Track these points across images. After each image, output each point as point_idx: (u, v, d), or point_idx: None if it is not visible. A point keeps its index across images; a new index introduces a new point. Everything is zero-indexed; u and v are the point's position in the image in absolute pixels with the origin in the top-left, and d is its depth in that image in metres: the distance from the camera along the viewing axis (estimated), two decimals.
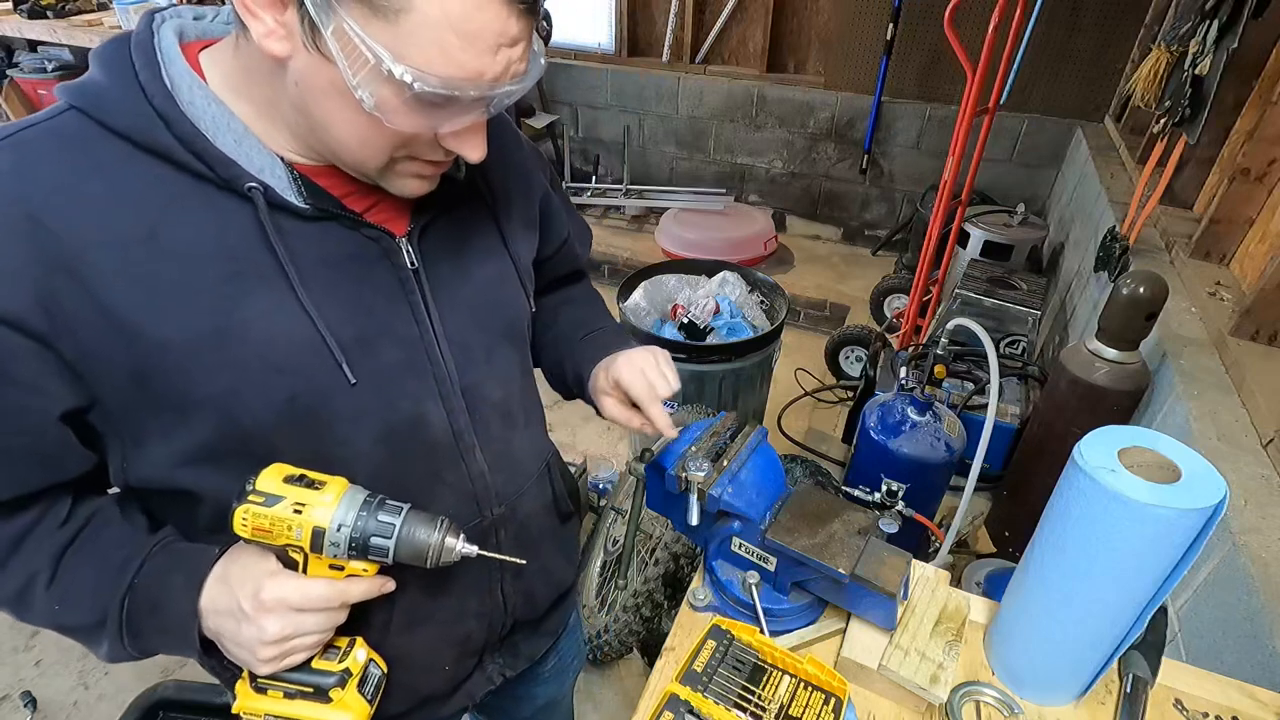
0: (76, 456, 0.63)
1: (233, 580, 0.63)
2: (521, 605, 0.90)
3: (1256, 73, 2.03)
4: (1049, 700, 0.81)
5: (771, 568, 0.84)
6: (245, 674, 0.68)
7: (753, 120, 4.28)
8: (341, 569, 0.63)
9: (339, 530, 0.61)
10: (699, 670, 0.75)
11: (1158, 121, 2.02)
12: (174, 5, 0.66)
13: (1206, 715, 0.81)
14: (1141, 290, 1.64)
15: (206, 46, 0.64)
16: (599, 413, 0.89)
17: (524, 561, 0.74)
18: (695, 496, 0.82)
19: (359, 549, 0.62)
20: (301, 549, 0.61)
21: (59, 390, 0.58)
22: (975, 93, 2.31)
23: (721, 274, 2.57)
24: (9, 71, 5.37)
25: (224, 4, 0.61)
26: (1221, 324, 1.72)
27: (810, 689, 0.75)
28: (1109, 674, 0.81)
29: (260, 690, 0.67)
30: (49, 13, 4.83)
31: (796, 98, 4.12)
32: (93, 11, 5.04)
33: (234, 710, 0.67)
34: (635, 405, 0.84)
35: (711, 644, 0.78)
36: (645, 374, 0.81)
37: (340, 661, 0.67)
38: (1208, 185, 2.29)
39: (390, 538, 0.62)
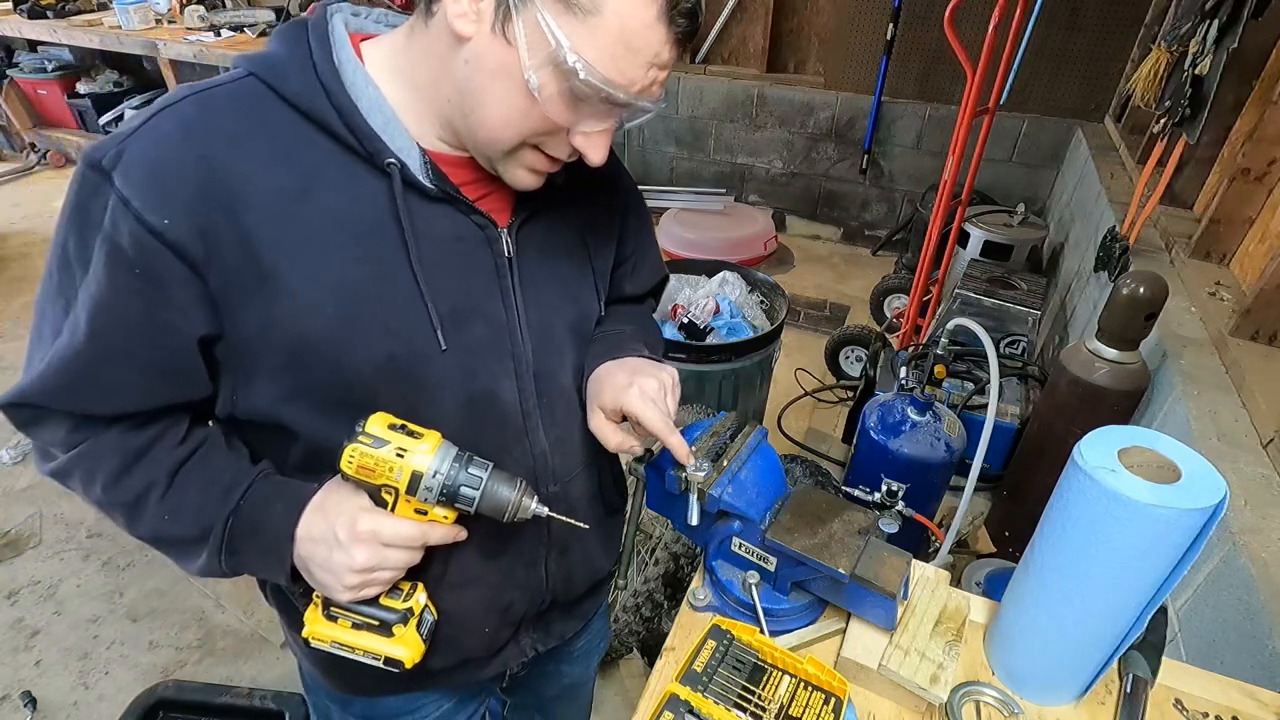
0: (201, 380, 0.70)
1: (329, 511, 0.69)
2: (561, 585, 0.94)
3: (1256, 73, 2.03)
4: (1049, 700, 0.81)
5: (771, 568, 0.84)
6: (317, 602, 0.73)
7: (753, 120, 4.28)
8: (425, 514, 0.69)
9: (434, 477, 0.66)
10: (699, 670, 0.75)
11: (1158, 121, 2.02)
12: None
13: (1206, 715, 0.81)
14: (1141, 290, 1.64)
15: (363, 40, 0.72)
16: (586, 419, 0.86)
17: (586, 525, 0.79)
18: (695, 496, 0.82)
19: (448, 496, 0.68)
20: (396, 490, 0.67)
21: (201, 316, 0.65)
22: (975, 93, 2.31)
23: (721, 274, 2.57)
24: (9, 71, 5.37)
25: (373, 5, 0.70)
26: (1221, 324, 1.72)
27: (810, 689, 0.75)
28: (1109, 674, 0.81)
29: (331, 618, 0.72)
30: (49, 13, 4.83)
31: (796, 98, 4.12)
32: (93, 11, 5.04)
33: (303, 635, 0.73)
34: (624, 421, 0.82)
35: (711, 644, 0.78)
36: (657, 405, 0.79)
37: (404, 601, 0.73)
38: (1208, 185, 2.29)
39: (477, 489, 0.68)
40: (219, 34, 4.50)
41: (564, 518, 0.75)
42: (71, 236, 0.64)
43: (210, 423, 0.77)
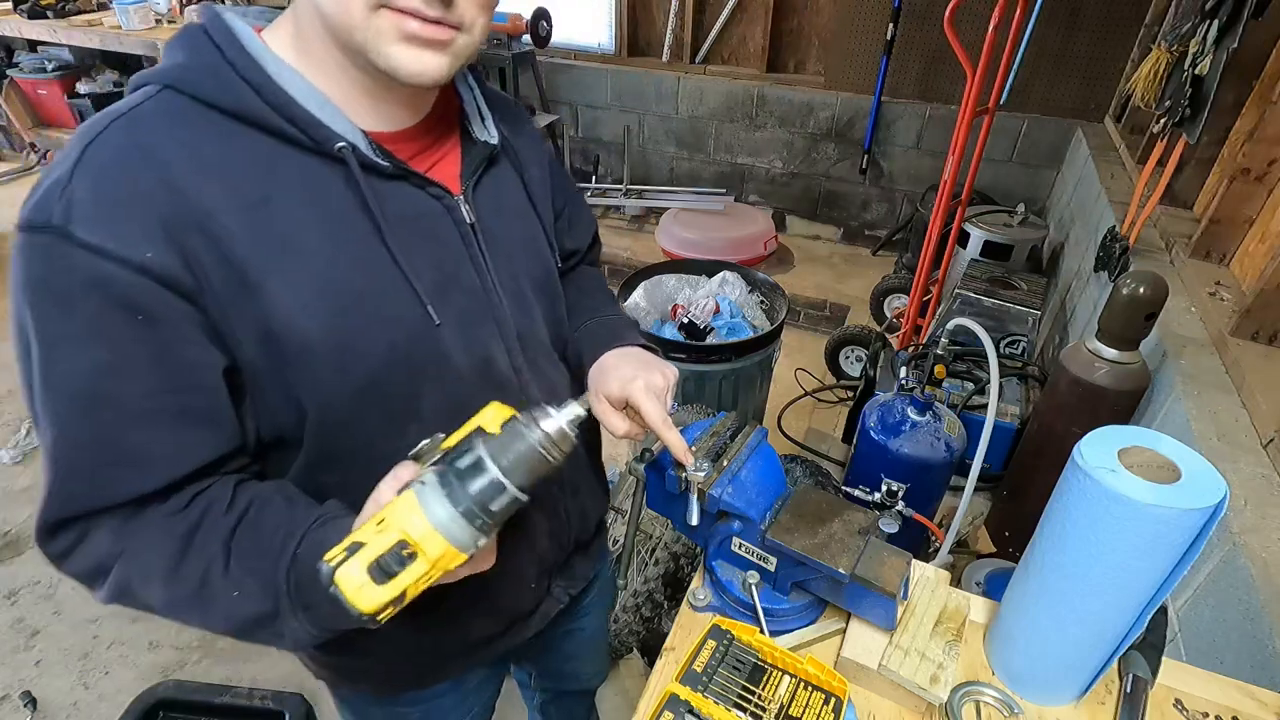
0: (230, 423, 0.66)
1: None
2: (578, 524, 0.98)
3: (1256, 73, 2.03)
4: (1049, 700, 0.81)
5: (771, 568, 0.84)
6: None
7: (753, 120, 4.27)
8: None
9: (477, 543, 0.56)
10: (699, 670, 0.75)
11: (1158, 121, 2.02)
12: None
13: (1206, 715, 0.81)
14: (1141, 290, 1.64)
15: (258, 33, 0.68)
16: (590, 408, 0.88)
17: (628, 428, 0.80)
18: (695, 496, 0.82)
19: (498, 520, 0.57)
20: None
21: (215, 345, 0.62)
22: (975, 92, 2.31)
23: (721, 274, 2.57)
24: (9, 71, 5.37)
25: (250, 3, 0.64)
26: (1221, 324, 1.72)
27: (810, 689, 0.75)
28: (1109, 674, 0.81)
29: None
30: (49, 13, 4.83)
31: (796, 98, 4.12)
32: (93, 11, 5.04)
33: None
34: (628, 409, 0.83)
35: (711, 644, 0.78)
36: (662, 401, 0.81)
37: None
38: (1208, 185, 2.28)
39: (503, 490, 0.56)
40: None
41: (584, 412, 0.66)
42: (32, 316, 0.57)
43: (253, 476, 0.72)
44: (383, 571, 0.53)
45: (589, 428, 0.94)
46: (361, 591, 0.53)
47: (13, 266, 0.57)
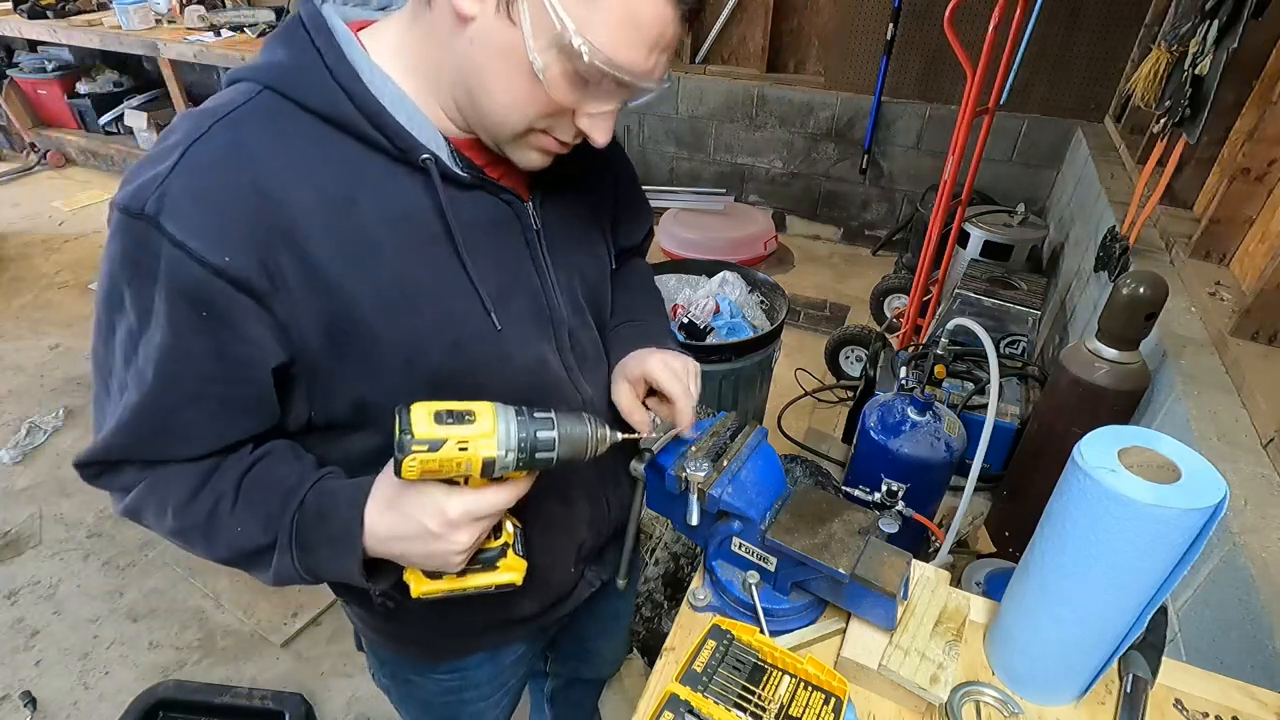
0: (273, 411, 0.71)
1: (410, 508, 0.66)
2: (617, 513, 1.00)
3: (1256, 73, 2.03)
4: (1049, 700, 0.81)
5: (771, 568, 0.84)
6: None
7: (753, 120, 4.28)
8: (503, 478, 0.67)
9: (507, 455, 0.63)
10: (699, 670, 0.75)
11: (1158, 121, 2.02)
12: None
13: (1206, 715, 0.81)
14: (1141, 290, 1.64)
15: (359, 28, 0.71)
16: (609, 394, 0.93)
17: (647, 433, 0.84)
18: (695, 496, 0.82)
19: (526, 465, 0.65)
20: (470, 476, 0.64)
21: (273, 346, 0.66)
22: (975, 92, 2.31)
23: (721, 274, 2.57)
24: (9, 71, 5.37)
25: None
26: (1221, 324, 1.72)
27: (810, 689, 0.75)
28: (1109, 674, 0.81)
29: (434, 576, 0.72)
30: (49, 13, 4.83)
31: (796, 98, 4.12)
32: (93, 11, 5.04)
33: (414, 594, 0.72)
34: (645, 403, 0.89)
35: (711, 644, 0.78)
36: (679, 377, 0.87)
37: (498, 538, 0.74)
38: (1208, 185, 2.28)
39: (553, 449, 0.65)
40: (219, 34, 4.50)
41: (629, 435, 0.75)
42: (124, 289, 0.63)
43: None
44: (439, 421, 0.61)
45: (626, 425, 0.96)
46: (420, 425, 0.60)
47: (109, 241, 0.63)
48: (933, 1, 3.53)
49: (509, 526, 0.75)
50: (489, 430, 0.63)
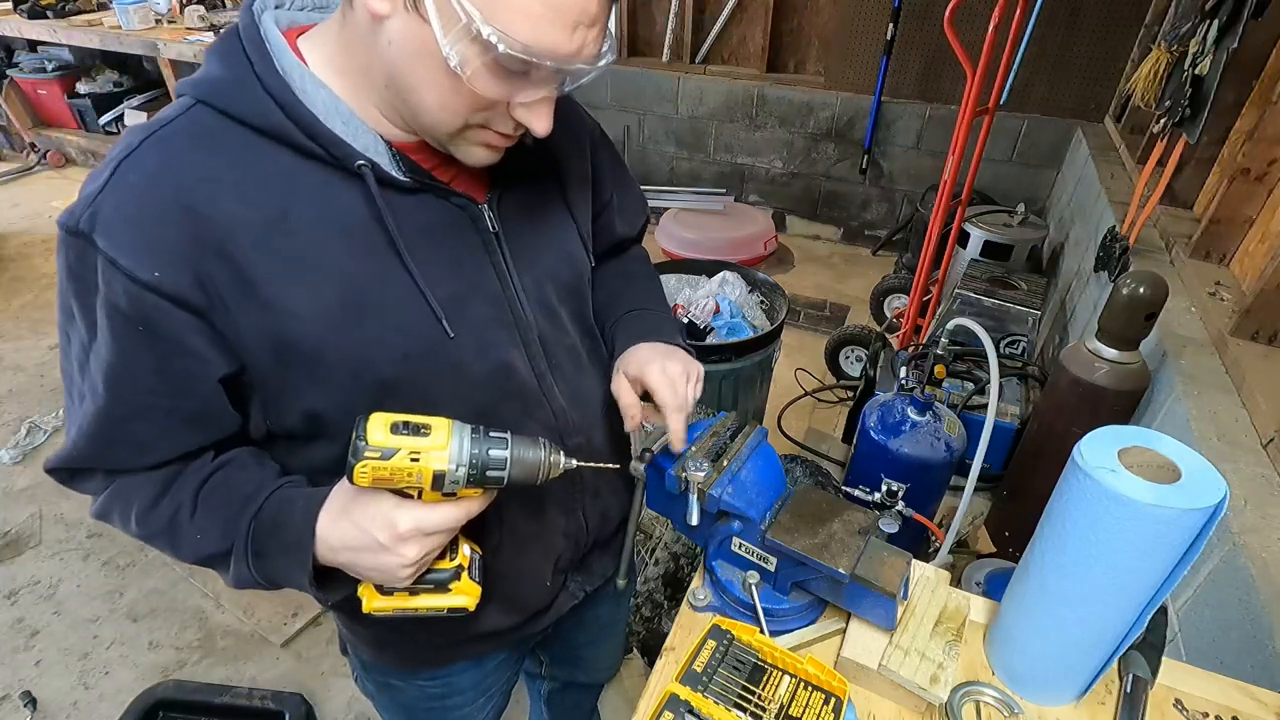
0: (229, 419, 0.72)
1: (360, 519, 0.67)
2: (597, 525, 0.98)
3: (1256, 73, 2.03)
4: (1049, 700, 0.81)
5: (771, 568, 0.84)
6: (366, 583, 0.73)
7: (753, 120, 4.27)
8: (455, 495, 0.68)
9: (457, 470, 0.64)
10: (699, 670, 0.75)
11: (1158, 121, 2.02)
12: None
13: (1206, 715, 0.81)
14: (1141, 290, 1.64)
15: (299, 33, 0.70)
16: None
17: (616, 465, 0.83)
18: (695, 496, 0.82)
19: (477, 482, 0.66)
20: (420, 489, 0.65)
21: (216, 358, 0.66)
22: (975, 92, 2.31)
23: (721, 274, 2.57)
24: (9, 71, 5.37)
25: None
26: (1221, 324, 1.72)
27: (810, 689, 0.75)
28: (1109, 674, 0.81)
29: (387, 592, 0.73)
30: (49, 13, 4.83)
31: (796, 98, 4.12)
32: (93, 11, 5.04)
33: (364, 610, 0.73)
34: (645, 399, 0.87)
35: (711, 644, 0.78)
36: (674, 386, 0.84)
37: (452, 560, 0.74)
38: (1208, 185, 2.28)
39: (504, 469, 0.66)
40: (219, 34, 4.49)
41: (592, 464, 0.76)
42: (72, 301, 0.65)
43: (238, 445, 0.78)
44: (394, 431, 0.62)
45: (616, 430, 0.96)
46: (375, 433, 0.62)
47: (56, 256, 0.65)
48: (933, 1, 3.52)
49: (465, 550, 0.75)
50: (442, 443, 0.63)
